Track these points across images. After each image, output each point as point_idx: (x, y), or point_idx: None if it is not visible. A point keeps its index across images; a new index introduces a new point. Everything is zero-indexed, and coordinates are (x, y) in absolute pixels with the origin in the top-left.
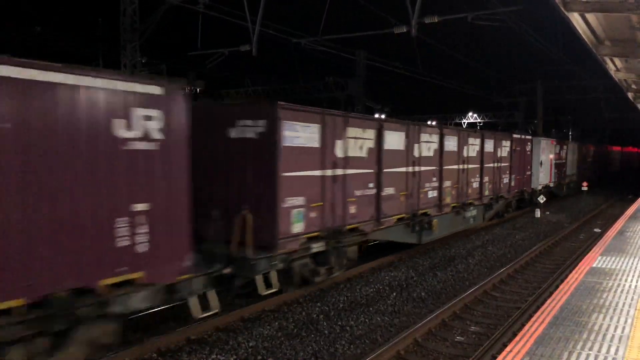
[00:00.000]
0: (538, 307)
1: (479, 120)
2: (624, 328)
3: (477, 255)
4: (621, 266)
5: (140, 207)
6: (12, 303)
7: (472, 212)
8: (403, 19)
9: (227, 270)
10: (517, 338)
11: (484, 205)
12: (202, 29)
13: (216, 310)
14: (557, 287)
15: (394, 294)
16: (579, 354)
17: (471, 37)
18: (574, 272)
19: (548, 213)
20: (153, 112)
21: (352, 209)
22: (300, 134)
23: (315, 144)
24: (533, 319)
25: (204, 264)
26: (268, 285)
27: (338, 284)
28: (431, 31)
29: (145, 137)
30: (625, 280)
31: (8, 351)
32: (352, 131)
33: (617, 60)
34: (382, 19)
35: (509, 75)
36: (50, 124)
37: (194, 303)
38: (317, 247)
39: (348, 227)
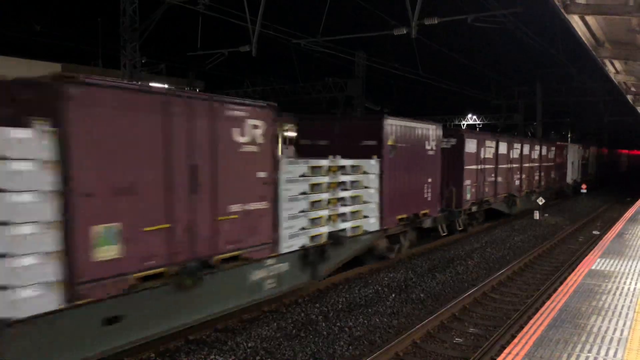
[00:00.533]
0: (537, 309)
1: (478, 122)
2: (622, 330)
3: (476, 257)
4: (620, 268)
5: (429, 180)
6: (403, 215)
7: (533, 197)
8: (403, 21)
9: (445, 214)
10: (516, 340)
11: (540, 193)
12: (202, 29)
13: (446, 233)
14: (556, 289)
15: (393, 295)
16: (578, 356)
17: (471, 39)
18: (572, 274)
19: (547, 215)
20: (433, 136)
21: (486, 188)
22: (470, 145)
23: (474, 150)
24: (532, 321)
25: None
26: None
27: (337, 285)
28: (431, 33)
29: (431, 149)
30: (624, 283)
31: (399, 239)
32: (487, 143)
33: (616, 63)
34: (381, 21)
35: (509, 77)
36: (411, 144)
37: (440, 228)
38: (474, 209)
39: (484, 199)
